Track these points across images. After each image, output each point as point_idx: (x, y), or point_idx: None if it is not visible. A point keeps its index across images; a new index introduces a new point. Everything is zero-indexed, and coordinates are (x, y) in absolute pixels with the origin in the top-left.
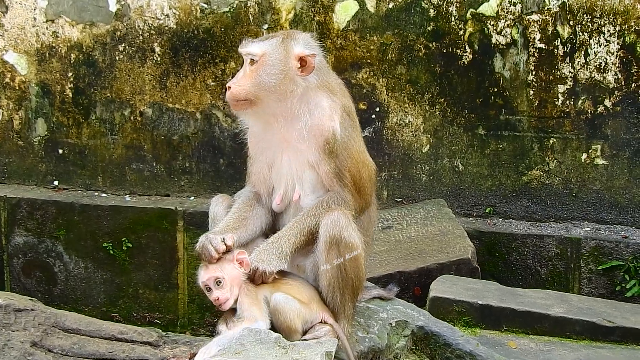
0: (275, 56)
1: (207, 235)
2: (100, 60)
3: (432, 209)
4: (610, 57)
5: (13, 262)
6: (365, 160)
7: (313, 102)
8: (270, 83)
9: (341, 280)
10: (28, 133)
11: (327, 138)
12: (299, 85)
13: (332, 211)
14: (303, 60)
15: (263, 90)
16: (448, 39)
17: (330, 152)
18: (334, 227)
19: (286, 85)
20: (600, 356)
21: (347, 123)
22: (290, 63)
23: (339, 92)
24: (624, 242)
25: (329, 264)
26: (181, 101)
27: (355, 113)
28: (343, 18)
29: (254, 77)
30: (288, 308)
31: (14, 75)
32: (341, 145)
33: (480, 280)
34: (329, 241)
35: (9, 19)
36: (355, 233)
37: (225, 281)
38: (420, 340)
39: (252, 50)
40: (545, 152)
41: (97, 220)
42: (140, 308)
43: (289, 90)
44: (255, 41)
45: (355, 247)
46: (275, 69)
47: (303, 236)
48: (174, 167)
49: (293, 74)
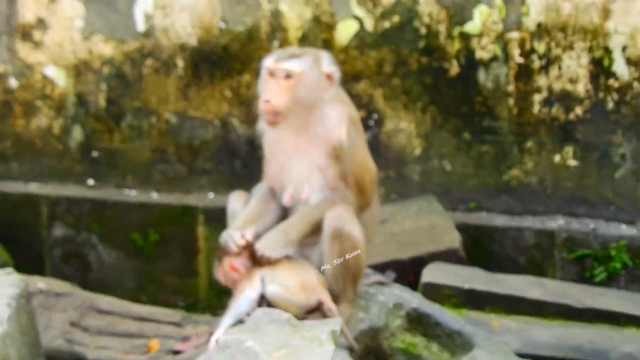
0: (312, 74)
1: (229, 232)
2: (130, 74)
3: (424, 204)
4: (580, 70)
5: (53, 252)
6: (367, 165)
7: (324, 112)
8: (308, 98)
9: (343, 268)
10: (66, 138)
11: (335, 145)
12: (324, 99)
13: (336, 207)
14: (329, 76)
15: (299, 104)
16: (437, 54)
17: (336, 157)
18: (337, 220)
19: (317, 99)
20: (573, 334)
21: (352, 131)
22: (322, 80)
23: (345, 102)
24: (593, 234)
25: (333, 255)
26: (201, 110)
27: (359, 121)
28: (345, 36)
29: (292, 92)
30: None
31: (53, 87)
32: (347, 151)
33: (466, 267)
34: (332, 233)
35: (49, 37)
36: (356, 227)
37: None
38: (414, 320)
39: (291, 68)
40: (523, 154)
41: (127, 215)
42: (165, 292)
43: (317, 104)
44: (290, 58)
45: (356, 239)
46: (313, 86)
47: (309, 225)
48: (194, 168)
49: (323, 89)
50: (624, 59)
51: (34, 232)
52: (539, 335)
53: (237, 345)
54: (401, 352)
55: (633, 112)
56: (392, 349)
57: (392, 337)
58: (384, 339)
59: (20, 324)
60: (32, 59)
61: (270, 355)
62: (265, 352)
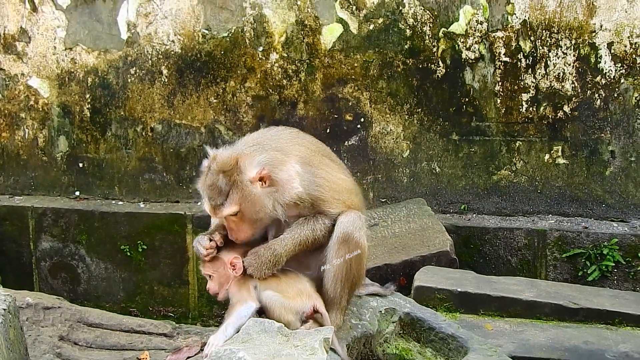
0: (247, 198)
1: (197, 237)
2: (114, 83)
3: (414, 207)
4: (567, 68)
5: (41, 265)
6: (339, 187)
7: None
8: (258, 216)
9: (345, 274)
10: (51, 149)
11: (296, 202)
12: (271, 194)
13: (350, 211)
14: (262, 178)
15: (256, 223)
16: (423, 55)
17: (304, 207)
18: (349, 225)
19: (267, 204)
20: (567, 335)
21: (307, 175)
22: (255, 192)
23: (289, 151)
24: (585, 232)
25: (338, 258)
26: (187, 117)
27: (313, 148)
28: (329, 39)
29: (246, 222)
30: (275, 305)
31: (37, 98)
32: (310, 198)
33: (458, 270)
34: (342, 238)
35: (32, 48)
36: (364, 234)
37: (214, 278)
38: (407, 325)
39: (230, 211)
40: (512, 153)
41: (115, 226)
42: (155, 303)
43: (270, 205)
44: (220, 202)
45: (363, 247)
46: (255, 206)
47: (299, 247)
48: (182, 176)
49: (264, 194)
50: (610, 56)
51: (21, 246)
52: (533, 337)
53: (229, 356)
54: (395, 358)
55: (621, 108)
56: (385, 355)
57: (385, 343)
58: (377, 345)
59: (7, 339)
60: (16, 70)
61: None
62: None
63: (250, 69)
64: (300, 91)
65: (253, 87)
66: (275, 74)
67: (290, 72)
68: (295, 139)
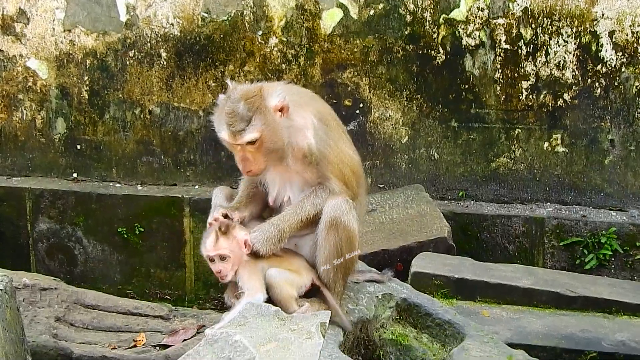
0: (268, 125)
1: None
2: (113, 65)
3: (412, 193)
4: (568, 56)
5: (38, 247)
6: (345, 159)
7: (291, 126)
8: (275, 146)
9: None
10: (49, 131)
11: (305, 153)
12: (288, 127)
13: (336, 196)
14: (282, 109)
15: (270, 155)
16: (423, 41)
17: (309, 163)
18: (335, 210)
19: (283, 136)
20: (564, 322)
21: (321, 131)
22: (276, 120)
23: (308, 103)
24: (583, 221)
25: (327, 243)
26: (185, 100)
27: (330, 113)
28: (329, 24)
29: (261, 151)
30: (281, 281)
31: (35, 79)
32: (319, 155)
33: (455, 256)
34: (330, 222)
35: (30, 30)
36: (353, 218)
37: (230, 259)
38: (404, 311)
39: (249, 138)
40: (511, 141)
41: (112, 208)
42: (152, 285)
43: (285, 138)
44: (242, 130)
45: (352, 231)
46: (275, 133)
47: (301, 223)
48: (180, 159)
49: (283, 124)
50: (611, 44)
51: (18, 227)
52: (530, 325)
53: (226, 339)
54: (391, 343)
55: (621, 97)
56: (382, 340)
57: (382, 329)
58: (373, 330)
59: (4, 320)
60: (14, 52)
61: (259, 348)
62: (253, 345)
63: (249, 53)
64: (299, 76)
65: (252, 71)
66: (274, 58)
67: (290, 56)
68: (317, 98)
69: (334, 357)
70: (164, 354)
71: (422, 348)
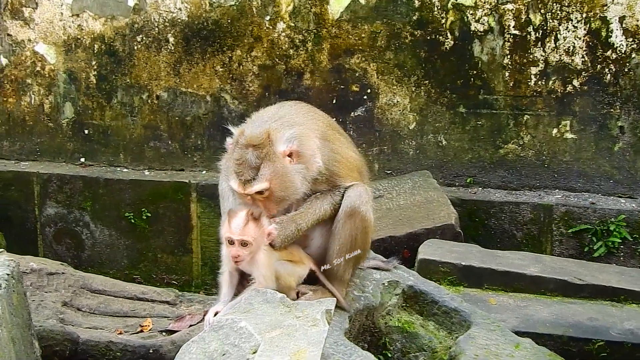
0: (278, 174)
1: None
2: (121, 50)
3: (419, 179)
4: (577, 42)
5: (45, 231)
6: (351, 165)
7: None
8: (287, 193)
9: (349, 247)
10: (57, 116)
11: (317, 176)
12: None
13: (356, 186)
14: (291, 154)
15: (285, 201)
16: (431, 27)
17: (321, 182)
18: (356, 199)
19: (296, 181)
20: (571, 311)
21: (326, 150)
22: (286, 166)
23: (308, 127)
24: (592, 208)
25: (343, 232)
26: (193, 85)
27: (329, 124)
28: (337, 9)
29: (272, 198)
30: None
31: (44, 64)
32: (328, 174)
33: (462, 243)
34: (349, 212)
35: (38, 14)
36: (371, 209)
37: (250, 246)
38: (410, 298)
39: (259, 188)
40: (519, 127)
41: (119, 193)
42: (158, 270)
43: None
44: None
45: (369, 221)
46: (284, 182)
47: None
48: (187, 144)
49: (294, 170)
50: (621, 30)
51: (26, 211)
52: (537, 312)
53: (231, 326)
54: (397, 331)
55: (631, 84)
56: (387, 327)
57: (388, 316)
58: (379, 317)
59: (11, 304)
60: (22, 36)
61: (264, 335)
62: (258, 332)
63: (257, 38)
64: (306, 61)
65: (259, 56)
66: (282, 44)
67: (297, 41)
68: (312, 114)
69: (339, 344)
70: (170, 339)
71: (428, 335)
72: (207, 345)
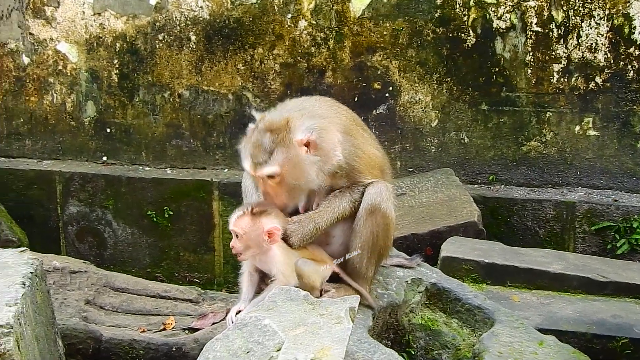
0: (290, 161)
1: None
2: (142, 49)
3: (441, 177)
4: (600, 39)
5: (68, 230)
6: (373, 161)
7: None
8: (298, 183)
9: (371, 245)
10: (79, 114)
11: (336, 170)
12: (315, 161)
13: (377, 182)
14: (307, 143)
15: (295, 190)
16: (453, 24)
17: (340, 177)
18: (376, 197)
19: (309, 172)
20: (595, 308)
21: (347, 144)
22: (300, 155)
23: (331, 120)
24: (615, 205)
25: (365, 229)
26: (215, 84)
27: (353, 119)
28: (359, 7)
29: (283, 185)
30: (310, 271)
31: (66, 63)
32: (348, 168)
33: (485, 241)
34: (370, 209)
35: (60, 13)
36: (392, 206)
37: (243, 239)
38: (433, 296)
39: (270, 171)
40: (542, 125)
41: (141, 191)
42: (181, 269)
43: (313, 172)
44: (264, 162)
45: (390, 218)
46: (296, 171)
47: (337, 220)
48: (209, 142)
49: (308, 160)
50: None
51: (48, 210)
52: (560, 310)
53: (255, 323)
54: (420, 328)
55: None
56: (411, 324)
57: (411, 313)
58: (403, 315)
59: (35, 302)
60: (44, 35)
61: (288, 332)
62: (282, 329)
63: (278, 36)
64: (328, 59)
65: (281, 54)
66: (303, 42)
67: (319, 39)
68: (336, 108)
69: (363, 342)
70: (193, 337)
71: (451, 333)
72: (231, 343)
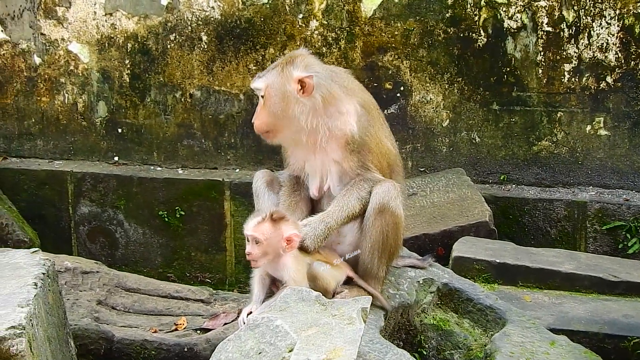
0: (276, 86)
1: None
2: (154, 49)
3: (452, 177)
4: (611, 38)
5: (79, 230)
6: (384, 150)
7: (329, 110)
8: (278, 111)
9: (381, 244)
10: (91, 114)
11: (347, 139)
12: (305, 105)
13: (384, 181)
14: (302, 82)
15: (275, 119)
16: (464, 24)
17: (351, 150)
18: (384, 196)
19: (292, 109)
20: (606, 308)
21: (364, 119)
22: (290, 88)
23: (353, 90)
24: (626, 205)
25: (374, 229)
26: (226, 84)
27: (375, 105)
28: (370, 7)
29: (265, 109)
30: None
31: (77, 63)
32: (360, 143)
33: (497, 240)
34: (378, 209)
35: (72, 13)
36: (401, 204)
37: (263, 245)
38: (445, 296)
39: (257, 86)
40: (553, 124)
41: (153, 191)
42: (192, 269)
43: (297, 112)
44: (260, 75)
45: (399, 217)
46: (277, 98)
47: (348, 219)
48: (220, 143)
49: (295, 97)
50: None
51: (60, 210)
52: (572, 310)
53: (267, 324)
54: (432, 328)
55: None
56: (423, 325)
57: (423, 313)
58: (414, 315)
59: (46, 303)
60: (56, 35)
61: (300, 333)
62: (294, 330)
63: (290, 36)
64: (339, 59)
65: None
66: (315, 42)
67: (330, 39)
68: (365, 90)
69: (375, 342)
70: (204, 337)
71: (463, 333)
72: (243, 344)
